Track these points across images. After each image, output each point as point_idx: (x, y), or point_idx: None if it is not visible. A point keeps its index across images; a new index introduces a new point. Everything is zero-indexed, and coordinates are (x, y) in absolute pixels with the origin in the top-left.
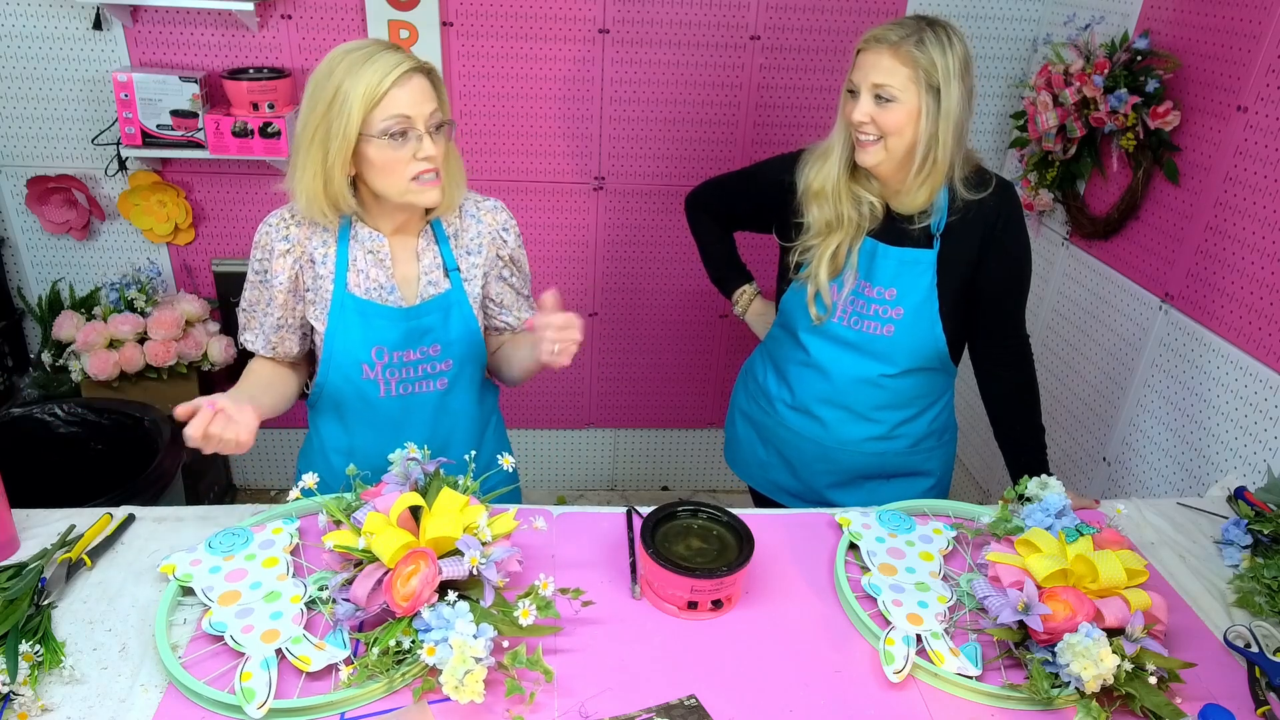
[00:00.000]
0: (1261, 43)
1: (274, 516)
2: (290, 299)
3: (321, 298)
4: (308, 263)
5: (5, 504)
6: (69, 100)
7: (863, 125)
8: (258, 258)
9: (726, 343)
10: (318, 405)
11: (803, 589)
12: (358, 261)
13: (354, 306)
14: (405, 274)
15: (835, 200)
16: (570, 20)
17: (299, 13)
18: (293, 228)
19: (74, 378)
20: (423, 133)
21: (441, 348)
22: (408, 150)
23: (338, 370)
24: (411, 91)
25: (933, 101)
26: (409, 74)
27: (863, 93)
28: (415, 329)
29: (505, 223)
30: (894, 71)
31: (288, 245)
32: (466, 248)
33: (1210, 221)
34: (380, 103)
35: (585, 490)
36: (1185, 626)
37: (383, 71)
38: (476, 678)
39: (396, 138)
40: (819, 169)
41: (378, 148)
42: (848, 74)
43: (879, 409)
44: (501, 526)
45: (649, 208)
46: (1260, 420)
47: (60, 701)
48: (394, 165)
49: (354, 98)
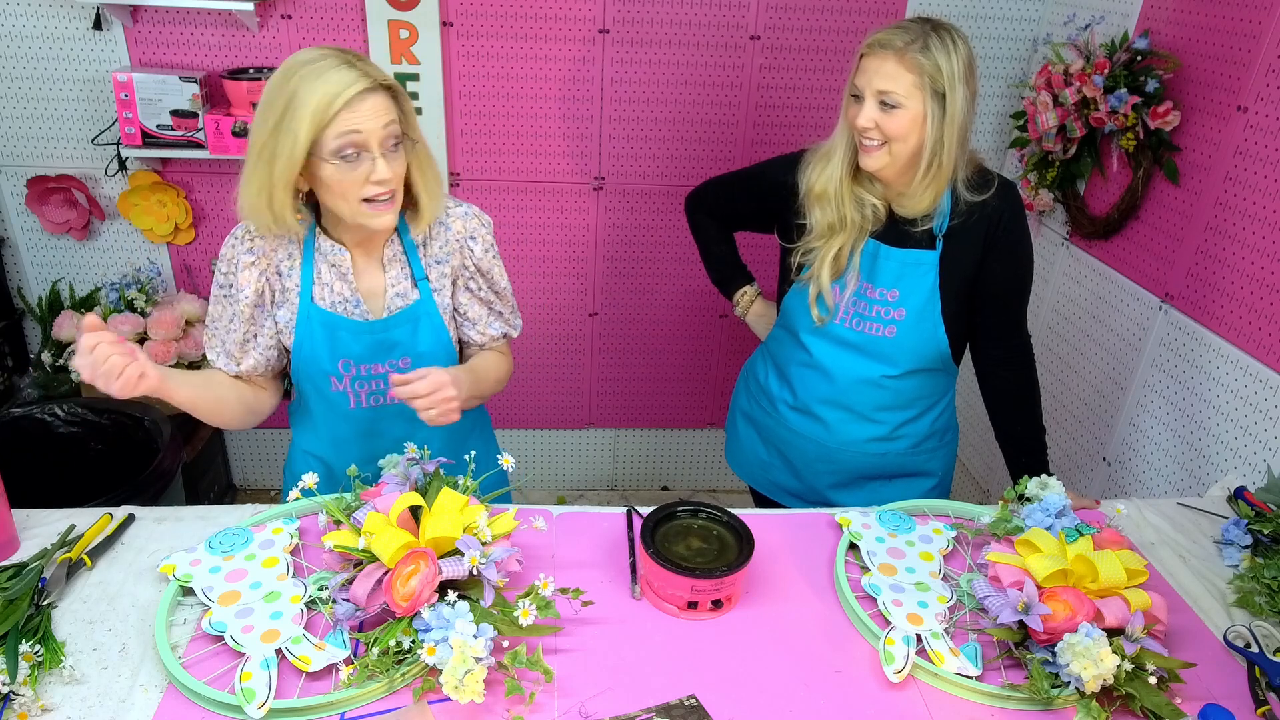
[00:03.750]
0: (1261, 43)
1: (274, 516)
2: (257, 313)
3: (289, 310)
4: (274, 275)
5: (5, 504)
6: (69, 100)
7: (867, 131)
8: (223, 271)
9: (726, 343)
10: (295, 416)
11: (803, 589)
12: (322, 275)
13: (319, 319)
14: (371, 286)
15: (838, 202)
16: (570, 20)
17: (299, 13)
18: (258, 240)
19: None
20: (376, 155)
21: (412, 360)
22: (360, 172)
23: (308, 381)
24: (365, 111)
25: (937, 106)
26: (362, 94)
27: (867, 98)
28: (383, 342)
29: (474, 230)
30: (899, 78)
31: (253, 258)
32: (435, 256)
33: (1210, 221)
34: (331, 123)
35: (585, 490)
36: (1185, 626)
37: (334, 91)
38: (476, 678)
39: (348, 159)
40: (821, 171)
41: (329, 168)
42: (850, 77)
43: (881, 410)
44: (501, 526)
45: (649, 208)
46: (1260, 420)
47: (60, 701)
48: (345, 187)
49: (302, 117)
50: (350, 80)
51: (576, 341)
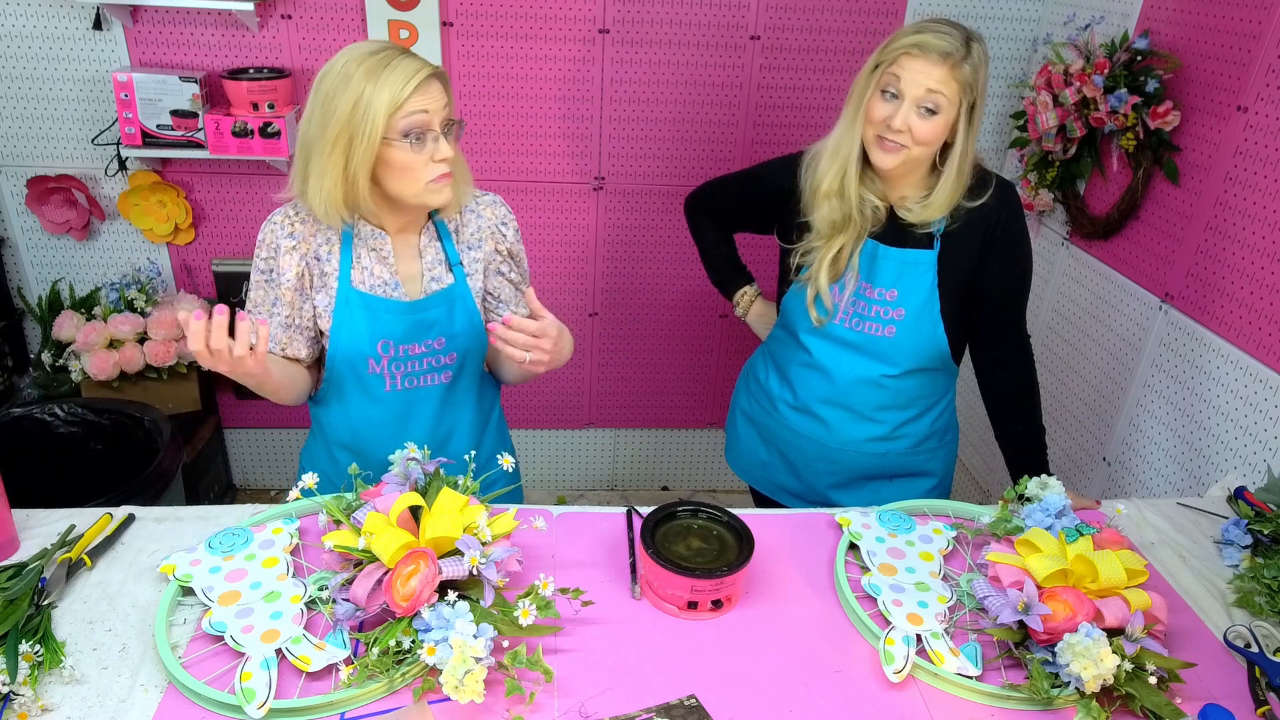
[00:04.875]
0: (1261, 43)
1: (274, 516)
2: (297, 297)
3: (327, 295)
4: (313, 259)
5: (5, 504)
6: (69, 100)
7: (899, 133)
8: (263, 256)
9: (726, 343)
10: (324, 402)
11: (803, 589)
12: (362, 259)
13: (359, 301)
14: (408, 270)
15: (848, 199)
16: (570, 20)
17: (299, 13)
18: (297, 225)
19: (74, 378)
20: (439, 135)
21: (446, 340)
22: (426, 153)
23: (344, 364)
24: (431, 94)
25: (967, 116)
26: (429, 79)
27: (907, 100)
28: (420, 322)
29: (504, 217)
30: (946, 85)
31: (294, 242)
32: (468, 243)
33: (1210, 221)
34: (402, 107)
35: (585, 490)
36: (1185, 626)
37: (405, 77)
38: (476, 678)
39: (416, 141)
40: (832, 168)
41: (398, 151)
42: (877, 70)
43: (881, 409)
44: (501, 526)
45: (649, 208)
46: (1260, 420)
47: (60, 701)
48: (413, 168)
49: (378, 103)
50: (417, 67)
51: (576, 341)
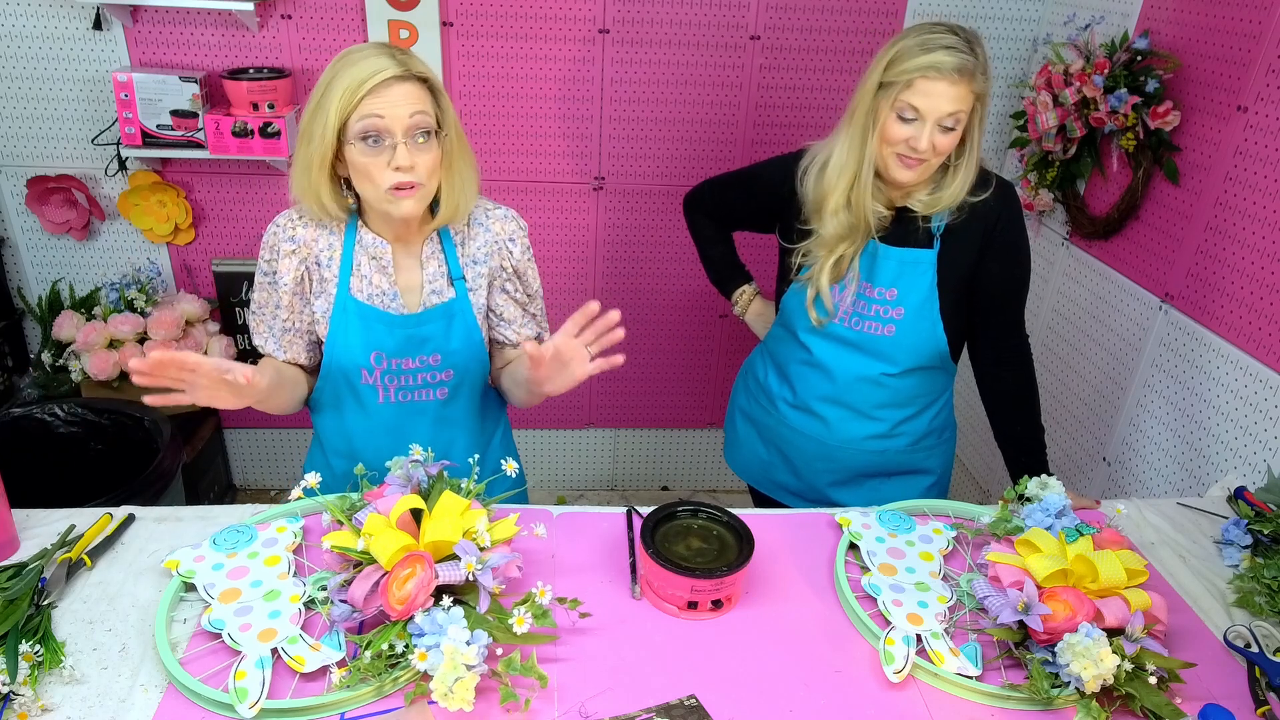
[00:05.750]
0: (1261, 43)
1: (278, 515)
2: (296, 301)
3: (326, 300)
4: (314, 264)
5: (5, 504)
6: (69, 100)
7: (923, 154)
8: (265, 258)
9: (726, 343)
10: (320, 409)
11: (803, 589)
12: (361, 266)
13: (355, 310)
14: (408, 281)
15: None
16: (570, 20)
17: (299, 13)
18: (299, 229)
19: (74, 378)
20: (398, 142)
21: (442, 357)
22: (383, 157)
23: (339, 373)
24: (392, 98)
25: (977, 115)
26: (390, 81)
27: (929, 122)
28: (415, 336)
29: (513, 233)
30: (964, 100)
31: (293, 246)
32: (473, 256)
33: (1210, 221)
34: (357, 106)
35: (585, 490)
36: (1185, 626)
37: (363, 76)
38: (467, 685)
39: (373, 144)
40: (839, 185)
41: (354, 151)
42: (896, 94)
43: (880, 407)
44: (502, 532)
45: (649, 208)
46: (1260, 420)
47: (60, 701)
48: (371, 171)
49: (333, 98)
50: (380, 67)
51: None
